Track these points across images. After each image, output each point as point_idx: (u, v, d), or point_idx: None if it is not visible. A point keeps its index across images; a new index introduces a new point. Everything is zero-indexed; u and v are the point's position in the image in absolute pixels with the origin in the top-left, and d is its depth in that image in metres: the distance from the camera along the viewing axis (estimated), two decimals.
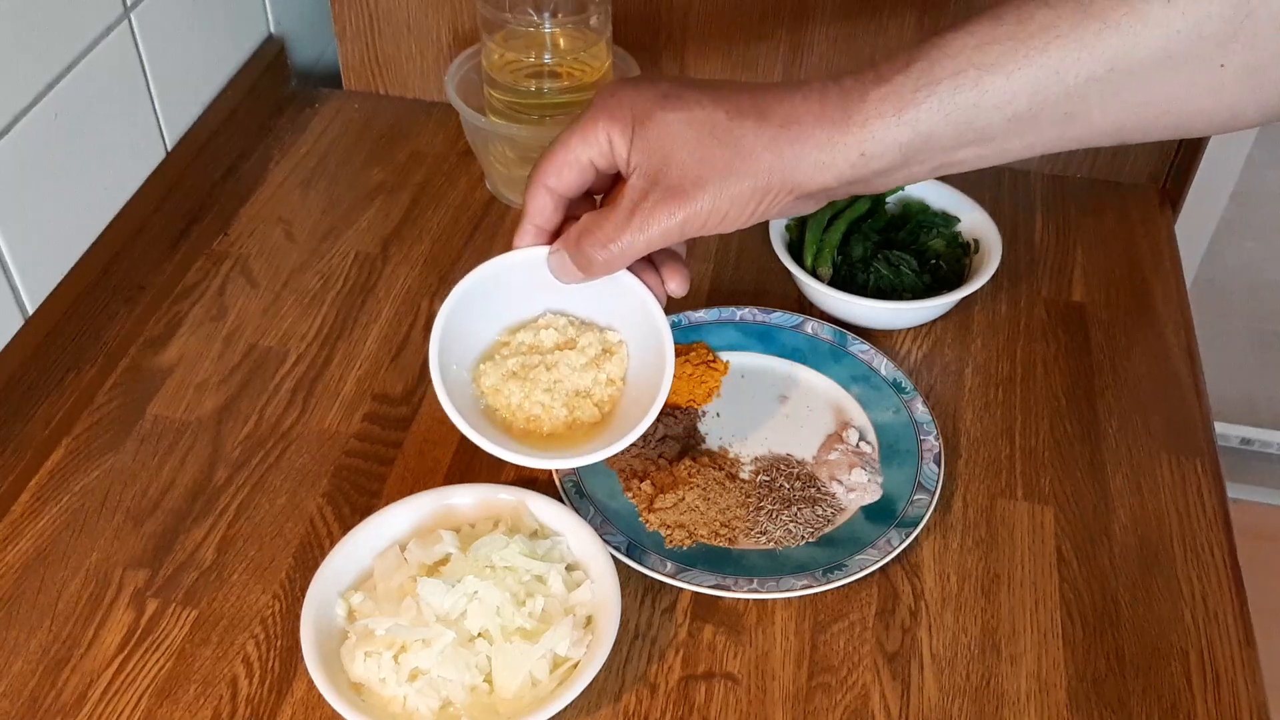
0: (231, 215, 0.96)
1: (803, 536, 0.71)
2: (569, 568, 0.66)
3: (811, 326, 0.84)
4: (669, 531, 0.71)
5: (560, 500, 0.70)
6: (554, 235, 0.63)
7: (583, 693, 0.60)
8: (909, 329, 0.86)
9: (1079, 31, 0.50)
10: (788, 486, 0.74)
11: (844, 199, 0.87)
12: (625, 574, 0.68)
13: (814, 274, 0.86)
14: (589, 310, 0.68)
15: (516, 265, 0.64)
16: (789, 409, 0.80)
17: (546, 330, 0.67)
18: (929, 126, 0.53)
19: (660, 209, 0.56)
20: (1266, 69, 0.50)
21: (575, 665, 0.62)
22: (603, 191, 0.63)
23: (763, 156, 0.55)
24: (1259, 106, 0.52)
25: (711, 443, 0.77)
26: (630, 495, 0.73)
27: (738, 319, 0.84)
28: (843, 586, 0.69)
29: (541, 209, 0.61)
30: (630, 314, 0.66)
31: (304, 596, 0.64)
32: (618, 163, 0.58)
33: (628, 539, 0.70)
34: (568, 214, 0.62)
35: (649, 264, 0.65)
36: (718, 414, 0.79)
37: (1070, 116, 0.53)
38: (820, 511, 0.72)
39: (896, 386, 0.79)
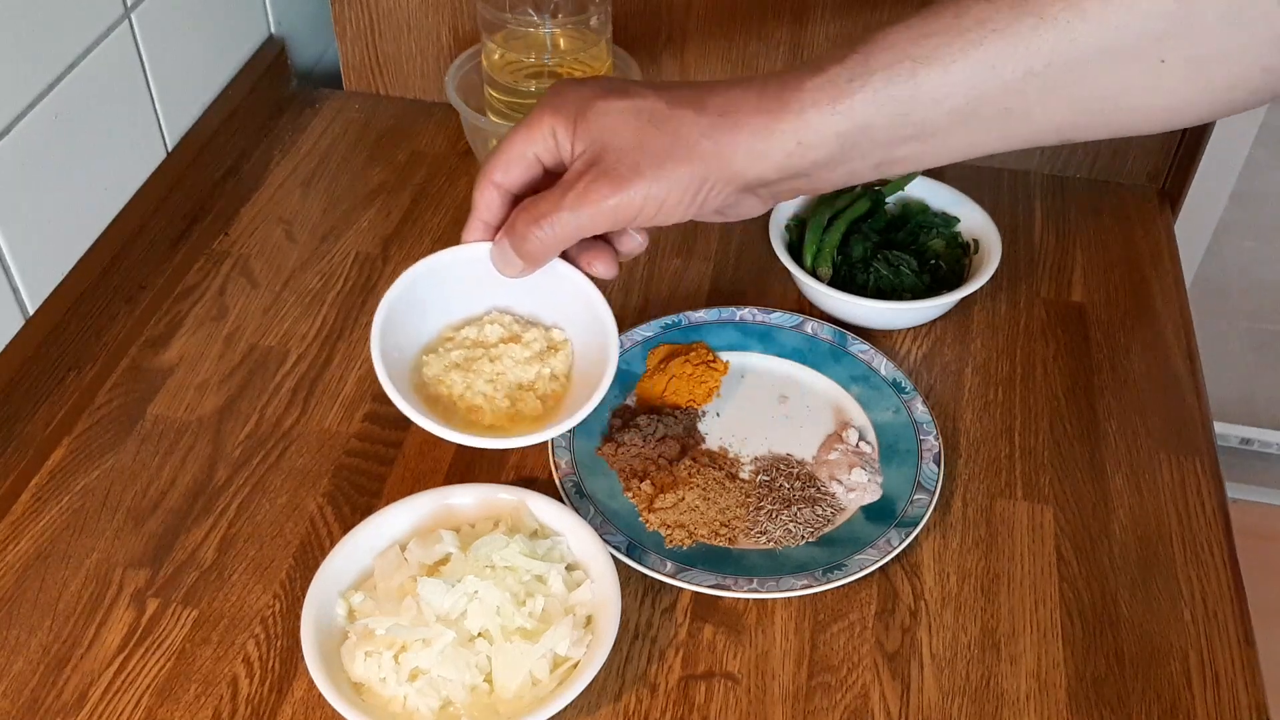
0: (232, 215, 0.96)
1: (802, 536, 0.71)
2: (569, 567, 0.66)
3: (811, 326, 0.84)
4: (669, 531, 0.71)
5: (560, 500, 0.70)
6: None
7: (583, 693, 0.60)
8: (909, 329, 0.86)
9: (1015, 26, 0.50)
10: (788, 486, 0.74)
11: (831, 197, 0.88)
12: (625, 574, 0.68)
13: (814, 274, 0.86)
14: (535, 308, 0.69)
15: (462, 260, 0.64)
16: (789, 409, 0.80)
17: (492, 325, 0.68)
18: (864, 117, 0.54)
19: (594, 190, 0.57)
20: (1211, 62, 0.49)
21: (575, 665, 0.62)
22: None
23: (700, 144, 0.56)
24: (1207, 103, 0.51)
25: (711, 443, 0.78)
26: (630, 495, 0.73)
27: (738, 319, 0.84)
28: (842, 586, 0.69)
29: (489, 204, 0.62)
30: (576, 313, 0.67)
31: (304, 596, 0.64)
32: (562, 155, 0.59)
33: (628, 539, 0.70)
34: None
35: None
36: (718, 414, 0.79)
37: (1010, 112, 0.53)
38: (820, 511, 0.72)
39: (896, 386, 0.79)
